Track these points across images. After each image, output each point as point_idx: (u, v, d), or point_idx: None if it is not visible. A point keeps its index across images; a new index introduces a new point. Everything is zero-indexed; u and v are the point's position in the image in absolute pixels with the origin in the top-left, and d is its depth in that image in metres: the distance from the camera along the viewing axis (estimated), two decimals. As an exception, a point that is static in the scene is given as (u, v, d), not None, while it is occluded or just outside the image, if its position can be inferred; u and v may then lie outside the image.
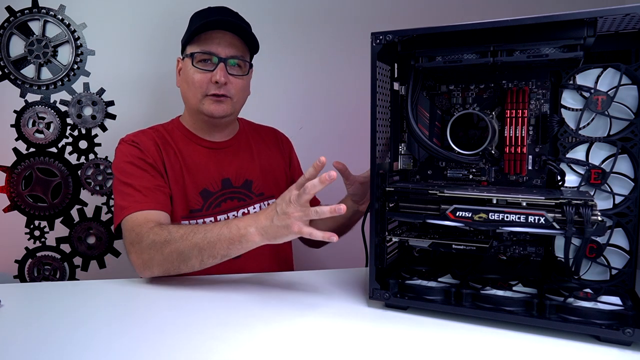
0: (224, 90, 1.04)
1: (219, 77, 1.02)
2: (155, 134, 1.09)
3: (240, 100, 1.10)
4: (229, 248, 0.84)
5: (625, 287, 0.75)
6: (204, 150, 1.11)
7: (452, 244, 0.76)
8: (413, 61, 0.76)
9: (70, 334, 0.67)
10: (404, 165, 0.88)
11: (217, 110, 1.05)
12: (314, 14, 1.58)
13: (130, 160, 1.03)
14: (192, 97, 1.06)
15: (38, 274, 1.49)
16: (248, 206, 1.12)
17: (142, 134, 1.09)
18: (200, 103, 1.06)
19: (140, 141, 1.05)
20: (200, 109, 1.06)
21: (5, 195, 1.45)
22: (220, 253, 0.85)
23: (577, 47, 0.67)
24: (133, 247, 0.92)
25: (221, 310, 0.77)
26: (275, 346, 0.64)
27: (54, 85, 1.45)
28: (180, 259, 0.87)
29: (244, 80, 1.08)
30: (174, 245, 0.87)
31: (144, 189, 0.99)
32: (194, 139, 1.12)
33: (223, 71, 1.03)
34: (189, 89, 1.06)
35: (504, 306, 0.70)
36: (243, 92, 1.10)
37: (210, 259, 0.86)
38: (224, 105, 1.06)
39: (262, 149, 1.20)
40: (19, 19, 1.41)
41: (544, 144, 0.80)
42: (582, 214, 0.64)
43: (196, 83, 1.04)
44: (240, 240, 0.83)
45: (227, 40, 1.04)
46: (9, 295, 0.81)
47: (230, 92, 1.05)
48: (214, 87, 1.04)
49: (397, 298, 0.75)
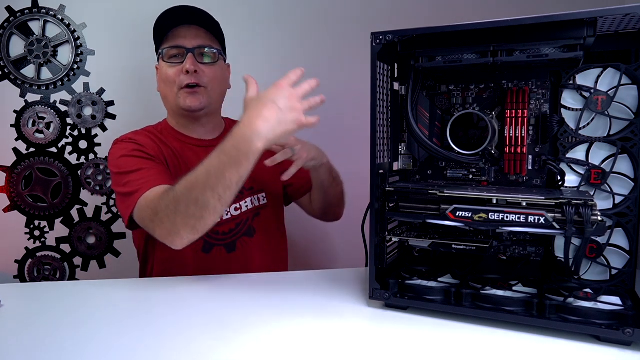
0: (196, 79, 1.07)
1: (188, 66, 1.05)
2: (149, 133, 1.11)
3: (215, 89, 1.12)
4: (238, 170, 0.80)
5: (625, 287, 0.75)
6: (194, 148, 1.13)
7: (452, 244, 0.76)
8: (413, 61, 0.76)
9: (70, 334, 0.67)
10: (404, 165, 0.88)
11: (193, 102, 1.08)
12: (314, 14, 1.58)
13: (128, 154, 1.01)
14: (170, 93, 1.09)
15: (38, 274, 1.49)
16: (240, 201, 1.13)
17: (135, 134, 1.10)
18: (177, 97, 1.08)
19: (137, 139, 1.06)
20: (178, 104, 1.09)
21: (5, 195, 1.45)
22: (233, 179, 0.80)
23: (577, 47, 0.67)
24: (153, 223, 0.88)
25: (221, 310, 0.77)
26: (275, 346, 0.64)
27: (54, 85, 1.45)
28: (199, 208, 0.82)
29: (216, 68, 1.11)
30: (186, 198, 0.82)
31: (148, 173, 0.96)
32: (182, 138, 1.14)
33: (191, 59, 1.06)
34: (166, 86, 1.10)
35: (504, 306, 0.70)
36: (217, 81, 1.12)
37: (227, 191, 0.81)
38: (199, 96, 1.08)
39: None
40: (19, 19, 1.41)
41: (544, 144, 0.80)
42: (582, 214, 0.64)
43: (170, 77, 1.08)
44: (247, 155, 0.79)
45: (192, 32, 1.08)
46: (9, 295, 0.81)
47: (202, 81, 1.08)
48: (186, 77, 1.06)
49: (397, 298, 0.75)
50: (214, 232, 1.09)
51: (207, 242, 1.09)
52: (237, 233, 1.12)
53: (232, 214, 1.12)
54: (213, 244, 1.10)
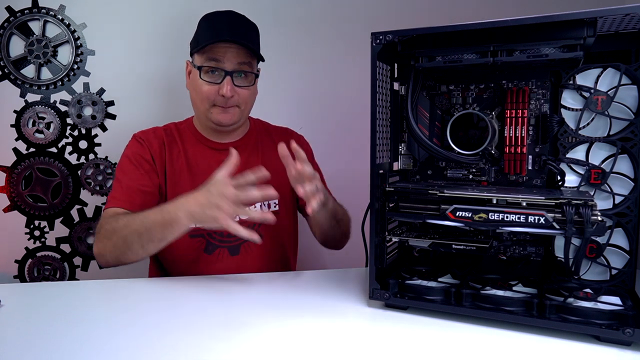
0: (231, 102, 1.06)
1: (225, 91, 1.04)
2: (165, 132, 1.13)
3: (248, 107, 1.12)
4: (163, 232, 0.89)
5: (625, 287, 0.75)
6: (210, 152, 1.13)
7: (452, 244, 0.76)
8: (413, 61, 0.76)
9: (70, 334, 0.67)
10: (404, 165, 0.88)
11: (225, 119, 1.08)
12: (314, 14, 1.58)
13: (130, 155, 1.08)
14: (201, 106, 1.09)
15: (38, 274, 1.49)
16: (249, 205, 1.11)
17: (152, 131, 1.13)
18: (208, 112, 1.08)
19: (146, 138, 1.10)
20: (208, 117, 1.09)
21: (5, 195, 1.45)
22: (156, 237, 0.90)
23: (577, 47, 0.67)
24: (95, 238, 0.99)
25: (221, 310, 0.77)
26: (275, 346, 0.64)
27: (54, 85, 1.44)
28: (125, 246, 0.92)
29: (251, 89, 1.10)
30: (120, 233, 0.92)
31: (127, 187, 1.04)
32: (202, 140, 1.14)
33: (230, 85, 1.04)
34: (197, 98, 1.09)
35: (504, 306, 0.70)
36: (250, 98, 1.12)
37: (150, 244, 0.91)
38: (232, 114, 1.08)
39: (269, 151, 1.18)
40: (19, 19, 1.41)
41: (544, 144, 0.80)
42: (582, 214, 0.64)
43: (204, 94, 1.06)
44: (172, 224, 0.88)
45: (234, 52, 1.05)
46: (9, 295, 0.81)
47: (237, 102, 1.08)
48: (222, 100, 1.05)
49: (397, 298, 0.75)
50: (219, 234, 1.08)
51: (211, 244, 1.08)
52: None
53: (240, 218, 1.10)
54: (217, 246, 1.09)
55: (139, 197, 1.04)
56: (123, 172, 1.07)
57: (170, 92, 1.45)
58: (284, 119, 1.53)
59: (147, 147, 1.08)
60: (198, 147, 1.13)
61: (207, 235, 1.08)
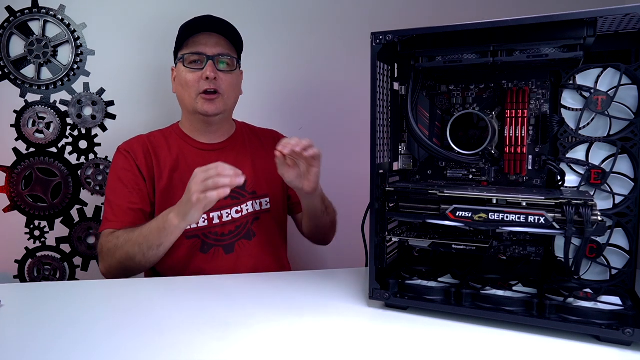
0: (215, 86, 1.11)
1: (209, 73, 1.09)
2: (149, 139, 1.16)
3: (231, 97, 1.16)
4: (159, 237, 0.96)
5: (625, 287, 0.75)
6: (199, 152, 1.16)
7: (452, 244, 0.76)
8: (413, 61, 0.76)
9: (70, 334, 0.67)
10: (404, 165, 0.88)
11: (210, 108, 1.12)
12: (314, 14, 1.58)
13: (116, 171, 1.12)
14: (187, 97, 1.13)
15: (38, 274, 1.49)
16: (241, 204, 1.14)
17: (135, 141, 1.16)
18: (195, 102, 1.12)
19: (130, 149, 1.14)
20: (195, 108, 1.13)
21: (5, 195, 1.45)
22: (155, 243, 0.96)
23: (577, 47, 0.67)
24: (98, 258, 1.06)
25: (221, 310, 0.77)
26: (275, 346, 0.64)
27: (54, 85, 1.44)
28: (129, 259, 0.98)
29: (233, 76, 1.15)
30: (122, 249, 0.99)
31: (117, 207, 1.09)
32: (190, 142, 1.18)
33: (212, 67, 1.10)
34: (184, 90, 1.14)
35: (504, 306, 0.70)
36: (233, 88, 1.16)
37: (150, 251, 0.97)
38: (216, 103, 1.13)
39: (257, 150, 1.23)
40: (19, 19, 1.41)
41: (544, 144, 0.80)
42: (582, 214, 0.64)
43: (189, 82, 1.12)
44: (165, 226, 0.94)
45: (214, 40, 1.12)
46: (9, 295, 0.81)
47: (220, 88, 1.12)
48: (205, 83, 1.10)
49: (397, 298, 0.75)
50: (214, 233, 1.10)
51: (206, 243, 1.10)
52: (236, 235, 1.13)
53: (232, 217, 1.12)
54: (212, 245, 1.10)
55: (129, 215, 1.08)
56: (112, 191, 1.11)
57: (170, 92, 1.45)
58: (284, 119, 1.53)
59: (132, 159, 1.12)
60: (186, 148, 1.17)
61: (202, 235, 1.11)
